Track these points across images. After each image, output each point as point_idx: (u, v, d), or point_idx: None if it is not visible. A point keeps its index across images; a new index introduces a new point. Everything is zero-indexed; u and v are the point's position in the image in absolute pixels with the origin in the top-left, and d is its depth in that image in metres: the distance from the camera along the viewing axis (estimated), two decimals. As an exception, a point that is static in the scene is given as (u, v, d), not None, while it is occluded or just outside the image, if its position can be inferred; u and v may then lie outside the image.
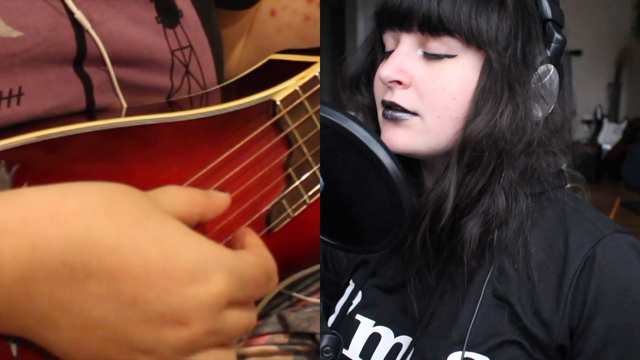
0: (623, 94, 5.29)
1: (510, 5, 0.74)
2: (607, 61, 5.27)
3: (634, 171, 4.42)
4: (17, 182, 0.61)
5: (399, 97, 0.76)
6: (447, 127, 0.75)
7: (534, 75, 0.76)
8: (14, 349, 0.58)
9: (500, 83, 0.74)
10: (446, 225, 0.75)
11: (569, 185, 0.83)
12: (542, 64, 0.76)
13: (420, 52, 0.76)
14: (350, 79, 0.84)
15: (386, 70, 0.75)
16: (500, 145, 0.73)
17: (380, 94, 0.78)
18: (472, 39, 0.73)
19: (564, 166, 0.81)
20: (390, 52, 0.78)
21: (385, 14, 0.77)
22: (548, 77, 0.76)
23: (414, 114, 0.76)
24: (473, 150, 0.73)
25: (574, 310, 0.74)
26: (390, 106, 0.76)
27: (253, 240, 0.68)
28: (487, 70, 0.74)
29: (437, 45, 0.74)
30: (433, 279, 0.79)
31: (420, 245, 0.77)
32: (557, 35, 0.76)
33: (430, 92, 0.75)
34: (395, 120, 0.76)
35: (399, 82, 0.75)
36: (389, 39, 0.78)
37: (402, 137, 0.76)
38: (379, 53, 0.82)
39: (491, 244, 0.76)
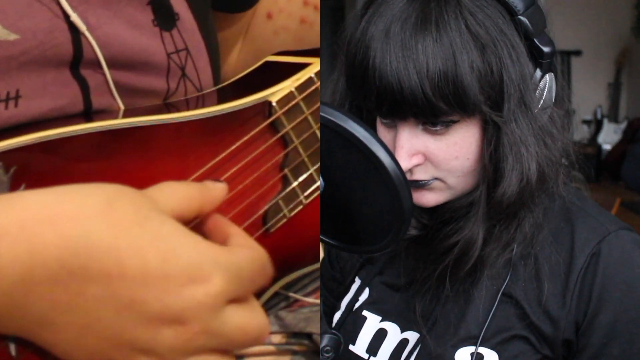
0: (623, 94, 5.29)
1: (490, 44, 0.70)
2: (607, 61, 5.26)
3: (634, 171, 4.42)
4: (14, 183, 0.62)
5: (418, 174, 0.76)
6: (467, 179, 0.76)
7: (540, 100, 0.75)
8: (12, 348, 0.59)
9: (515, 143, 0.72)
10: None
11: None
12: (540, 79, 0.75)
13: (421, 127, 0.74)
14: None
15: (402, 163, 0.72)
16: (532, 194, 0.74)
17: None
18: (469, 110, 0.71)
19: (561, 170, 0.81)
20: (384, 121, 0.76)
21: (374, 107, 0.74)
22: (546, 85, 0.75)
23: (435, 178, 0.76)
24: (507, 208, 0.74)
25: (580, 305, 0.75)
26: None
27: (233, 230, 0.66)
28: (492, 124, 0.72)
29: (437, 121, 0.73)
30: (441, 279, 0.80)
31: (437, 278, 0.78)
32: (545, 50, 0.74)
33: (444, 162, 0.75)
34: (418, 187, 0.77)
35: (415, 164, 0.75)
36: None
37: (430, 197, 0.77)
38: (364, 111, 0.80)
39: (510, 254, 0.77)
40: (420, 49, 0.69)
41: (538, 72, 0.74)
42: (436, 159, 0.75)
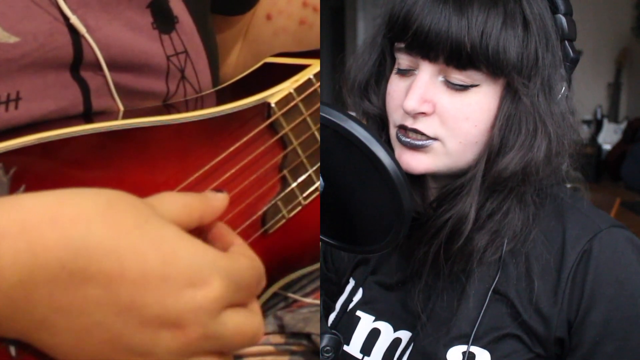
0: (623, 94, 5.29)
1: (534, 27, 0.73)
2: (607, 61, 5.26)
3: (634, 171, 4.42)
4: (14, 184, 0.62)
5: (421, 124, 0.75)
6: (467, 151, 0.76)
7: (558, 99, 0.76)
8: (12, 350, 0.59)
9: (532, 117, 0.73)
10: (462, 244, 0.76)
11: (569, 186, 0.84)
12: (560, 84, 0.76)
13: (441, 79, 0.75)
14: (359, 85, 0.83)
15: (411, 103, 0.74)
16: (532, 177, 0.75)
17: (398, 117, 0.77)
18: (498, 70, 0.73)
19: (563, 165, 0.82)
20: (406, 70, 0.77)
21: (408, 39, 0.74)
22: (561, 93, 0.76)
23: (434, 138, 0.76)
24: (504, 181, 0.74)
25: (572, 303, 0.75)
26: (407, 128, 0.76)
27: (234, 239, 0.67)
28: (511, 98, 0.74)
29: (461, 76, 0.73)
30: (433, 277, 0.80)
31: (432, 258, 0.78)
32: (573, 55, 0.77)
33: (453, 120, 0.75)
34: (413, 148, 0.76)
35: (422, 112, 0.75)
36: (402, 56, 0.77)
37: (422, 161, 0.76)
38: (388, 63, 0.81)
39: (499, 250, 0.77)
40: (476, 5, 0.72)
41: (562, 71, 0.76)
42: (446, 114, 0.74)
